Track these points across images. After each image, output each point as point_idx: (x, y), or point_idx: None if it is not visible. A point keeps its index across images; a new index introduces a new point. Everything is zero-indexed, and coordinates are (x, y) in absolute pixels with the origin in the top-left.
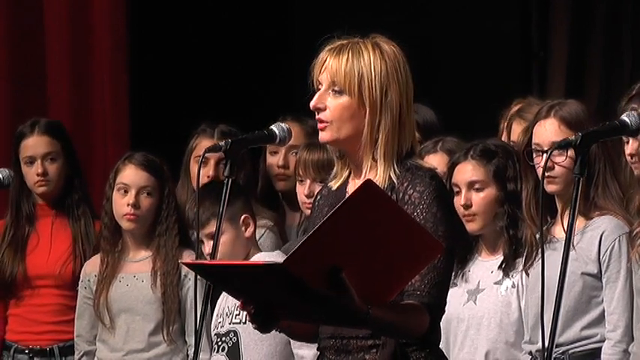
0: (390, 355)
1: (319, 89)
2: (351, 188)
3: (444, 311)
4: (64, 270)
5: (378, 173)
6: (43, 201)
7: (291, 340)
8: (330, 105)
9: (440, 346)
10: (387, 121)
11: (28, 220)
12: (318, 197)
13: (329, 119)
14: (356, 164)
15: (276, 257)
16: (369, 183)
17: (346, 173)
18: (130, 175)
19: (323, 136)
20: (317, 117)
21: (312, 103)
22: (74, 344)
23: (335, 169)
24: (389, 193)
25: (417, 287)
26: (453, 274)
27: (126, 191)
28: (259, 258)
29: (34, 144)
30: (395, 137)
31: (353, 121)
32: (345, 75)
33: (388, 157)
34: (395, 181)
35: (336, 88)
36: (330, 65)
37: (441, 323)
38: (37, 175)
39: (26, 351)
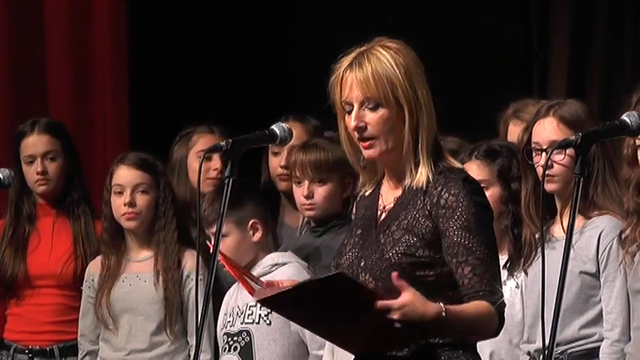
0: (419, 353)
1: (347, 109)
2: (385, 190)
3: (505, 304)
4: (65, 270)
5: (421, 173)
6: (43, 200)
7: (310, 343)
8: (370, 121)
9: None
10: (424, 118)
11: (29, 220)
12: (358, 199)
13: (374, 135)
14: (394, 170)
15: (289, 257)
16: (340, 276)
17: (377, 177)
18: (124, 175)
19: (371, 153)
20: (359, 136)
21: (352, 125)
22: (77, 344)
23: (361, 179)
24: (421, 197)
25: (478, 287)
26: None
27: (122, 192)
28: (272, 258)
29: (34, 143)
30: (431, 132)
31: (395, 130)
32: (376, 87)
33: (429, 155)
34: (429, 183)
35: (370, 105)
36: (358, 81)
37: None
38: (37, 173)
39: (26, 351)
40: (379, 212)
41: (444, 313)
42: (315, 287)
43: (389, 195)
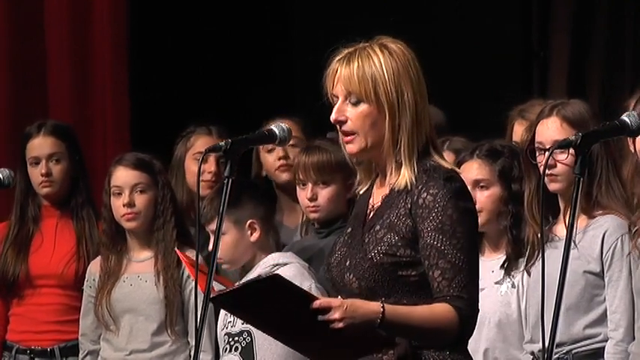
0: (402, 354)
1: (336, 102)
2: (376, 190)
3: (477, 311)
4: (66, 270)
5: (403, 175)
6: (48, 202)
7: None
8: (350, 116)
9: None
10: (407, 120)
11: (33, 221)
12: (357, 197)
13: (353, 130)
14: (381, 168)
15: (290, 258)
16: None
17: (373, 175)
18: (121, 176)
19: (351, 148)
20: (340, 130)
21: (332, 117)
22: (78, 343)
23: (358, 176)
24: (404, 196)
25: (446, 292)
26: None
27: (120, 193)
28: (273, 258)
29: (39, 145)
30: (414, 136)
31: (376, 127)
32: (358, 83)
33: (411, 157)
34: (412, 183)
35: (352, 100)
36: (343, 76)
37: None
38: (41, 175)
39: (28, 351)
40: (368, 210)
41: (380, 314)
42: (254, 289)
43: (378, 194)
